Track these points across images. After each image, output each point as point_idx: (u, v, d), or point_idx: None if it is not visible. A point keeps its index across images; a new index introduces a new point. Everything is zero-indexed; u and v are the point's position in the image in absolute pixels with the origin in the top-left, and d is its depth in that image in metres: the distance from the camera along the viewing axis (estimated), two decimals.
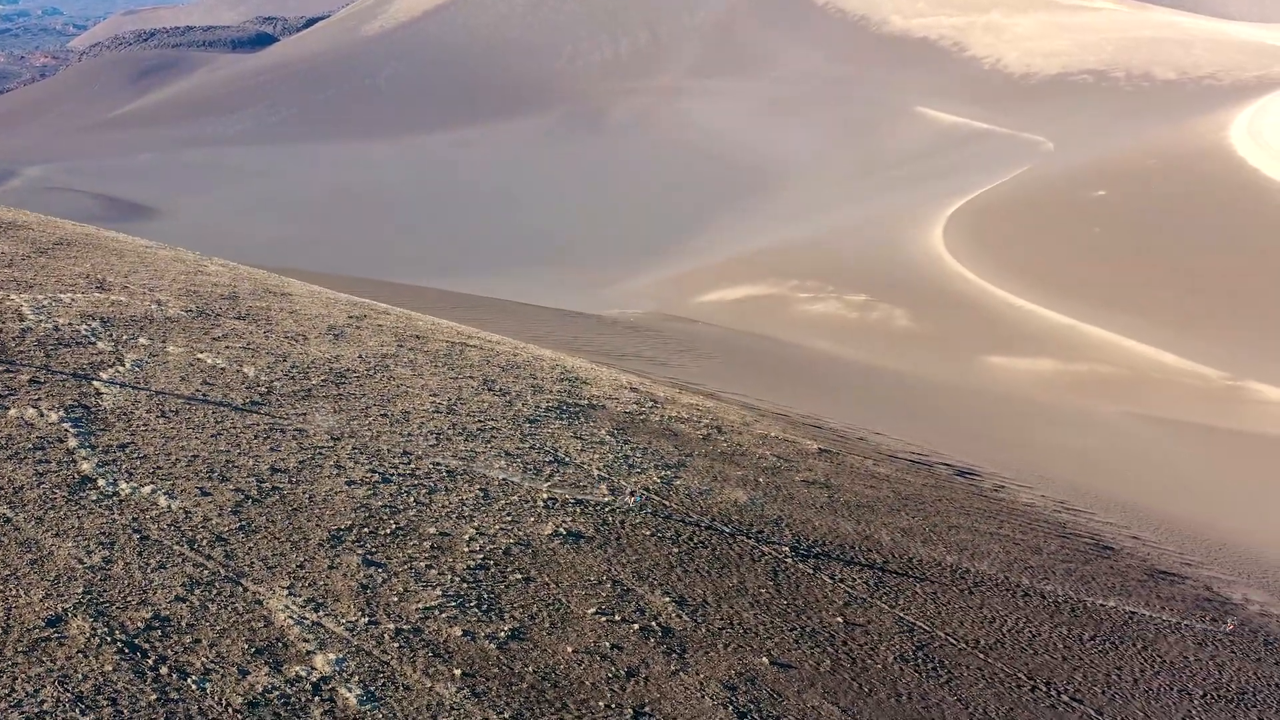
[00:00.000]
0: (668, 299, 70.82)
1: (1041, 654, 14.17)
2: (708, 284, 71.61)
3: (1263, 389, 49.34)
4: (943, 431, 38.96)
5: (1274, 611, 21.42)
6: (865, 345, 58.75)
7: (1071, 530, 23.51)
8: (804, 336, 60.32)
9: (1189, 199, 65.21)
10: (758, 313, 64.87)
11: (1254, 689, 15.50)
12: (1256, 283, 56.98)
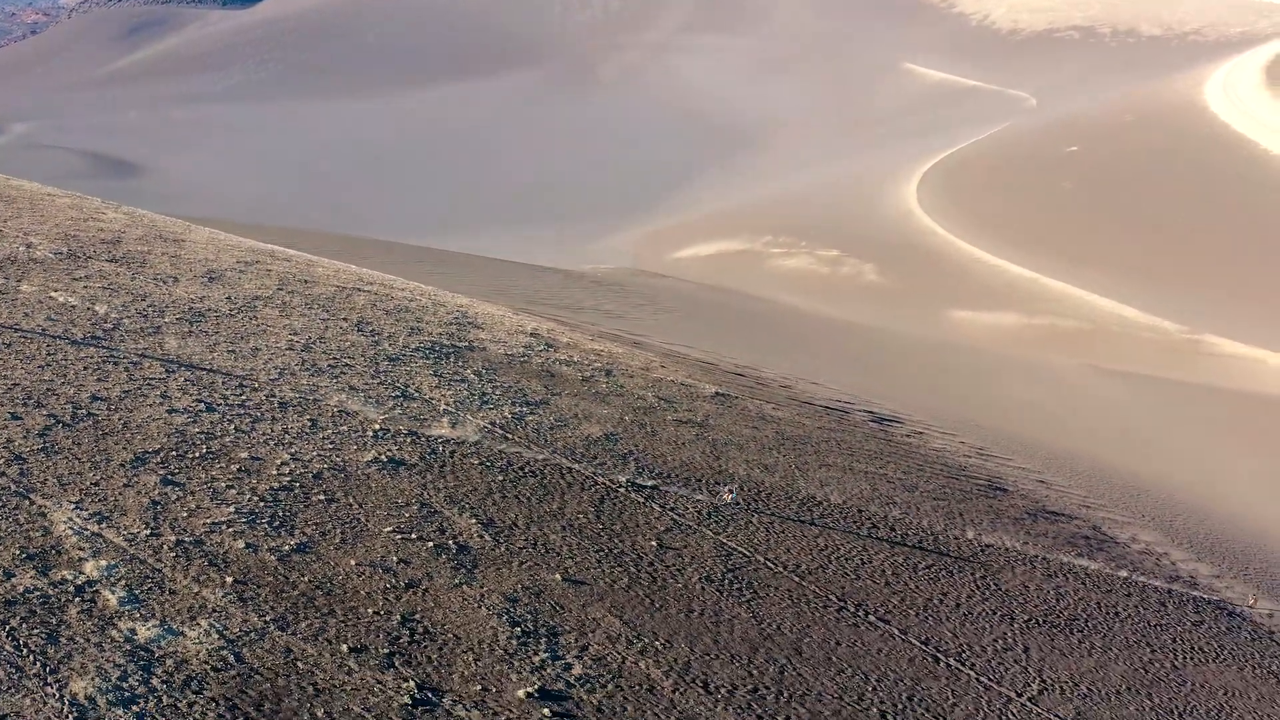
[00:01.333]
0: (645, 255, 71.05)
1: (864, 580, 14.65)
2: (684, 240, 71.81)
3: (1221, 343, 49.61)
4: (892, 382, 39.37)
5: (1156, 550, 21.93)
6: (834, 300, 59.07)
7: (970, 473, 24.00)
8: (774, 291, 60.60)
9: (1160, 154, 65.22)
10: (731, 268, 65.12)
11: (1086, 617, 15.98)
12: (1221, 237, 57.12)
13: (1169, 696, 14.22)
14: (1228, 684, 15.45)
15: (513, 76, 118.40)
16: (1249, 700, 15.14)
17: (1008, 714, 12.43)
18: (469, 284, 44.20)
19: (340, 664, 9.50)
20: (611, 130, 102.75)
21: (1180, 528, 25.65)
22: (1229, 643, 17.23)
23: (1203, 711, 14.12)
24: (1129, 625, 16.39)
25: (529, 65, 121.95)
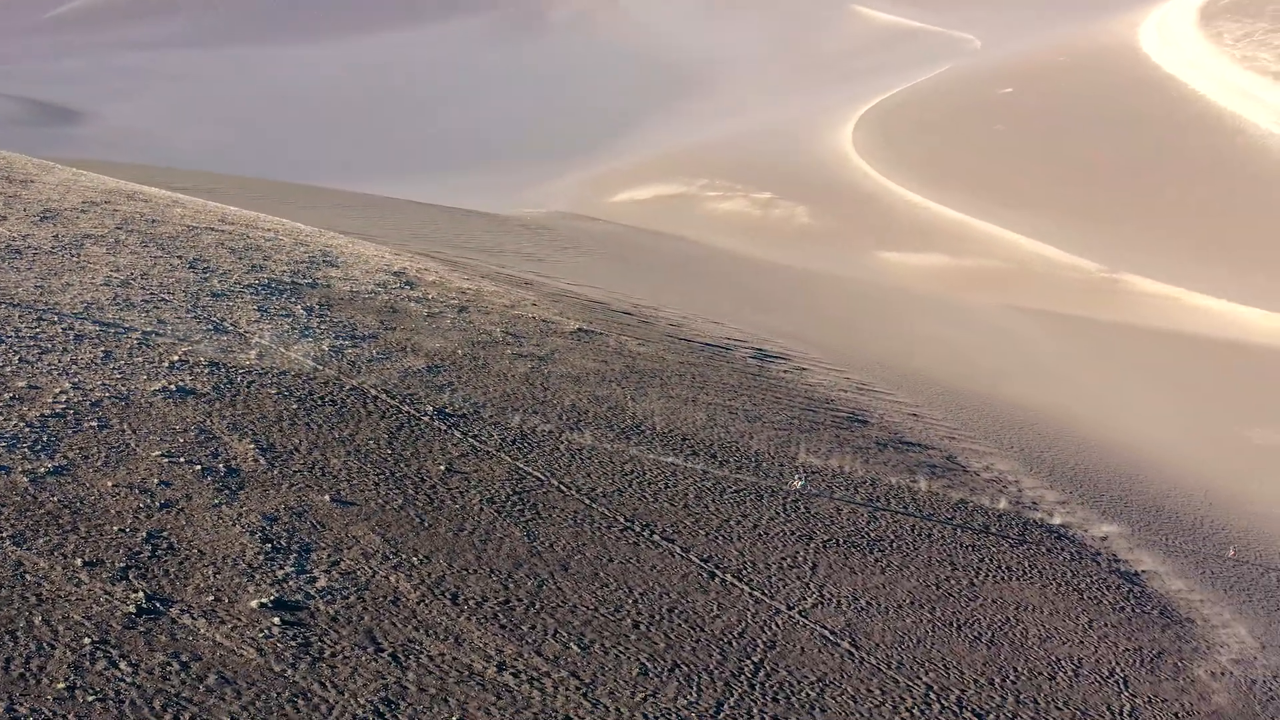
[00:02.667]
0: (584, 198, 71.05)
1: (660, 502, 15.07)
2: (623, 184, 71.81)
3: (1139, 281, 50.14)
4: (808, 321, 39.70)
5: (1007, 478, 22.45)
6: (766, 242, 59.28)
7: (835, 405, 24.43)
8: (708, 234, 60.76)
9: (1090, 95, 65.44)
10: (666, 211, 65.19)
11: (893, 538, 16.47)
12: (1145, 177, 57.54)
13: (953, 611, 14.75)
14: (1024, 599, 15.99)
15: (462, 21, 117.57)
16: (1040, 614, 15.68)
17: (773, 625, 12.91)
18: (386, 227, 44.28)
19: (70, 576, 9.87)
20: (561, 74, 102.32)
21: (1047, 458, 26.21)
22: (1043, 562, 17.77)
23: (985, 624, 14.65)
24: (938, 546, 16.88)
25: (479, 9, 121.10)
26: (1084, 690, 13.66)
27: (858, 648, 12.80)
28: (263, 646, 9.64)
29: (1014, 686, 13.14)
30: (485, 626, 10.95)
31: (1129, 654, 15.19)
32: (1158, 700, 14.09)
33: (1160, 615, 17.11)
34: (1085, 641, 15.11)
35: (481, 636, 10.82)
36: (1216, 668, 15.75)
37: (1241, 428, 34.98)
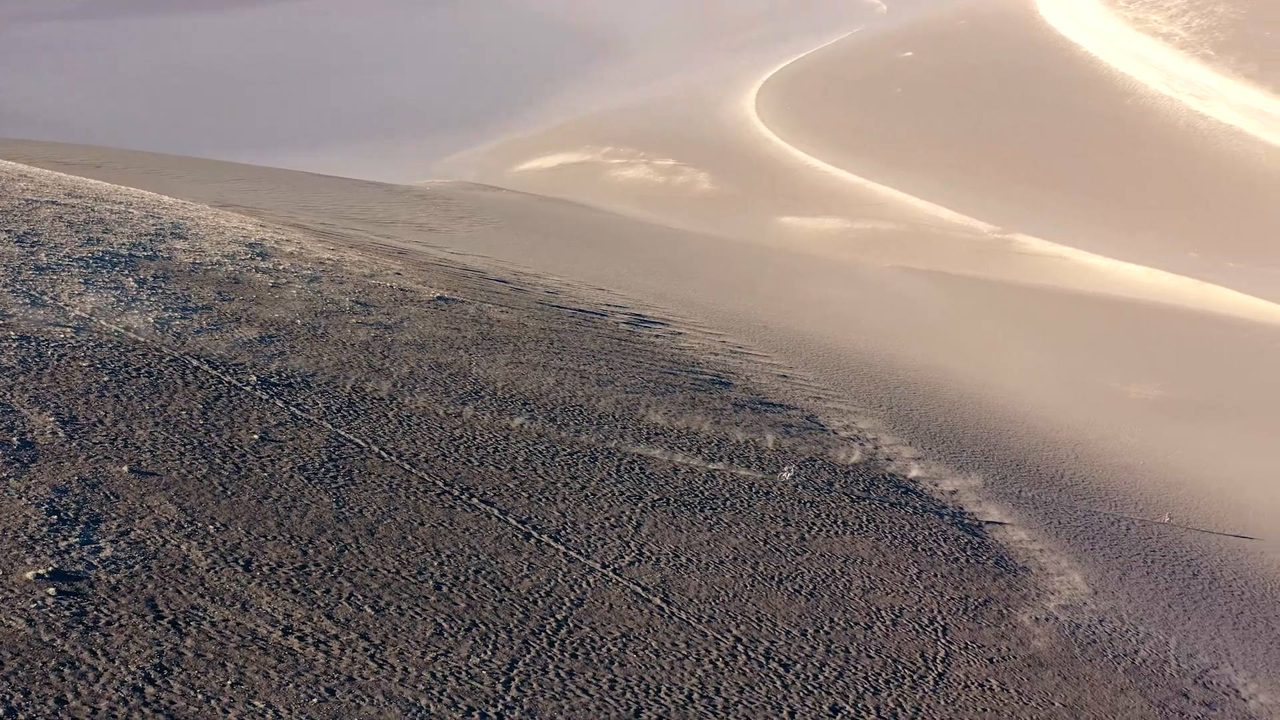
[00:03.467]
0: (489, 168, 70.72)
1: (486, 467, 15.11)
2: (529, 152, 71.54)
3: (1029, 241, 50.94)
4: (700, 286, 39.84)
5: (867, 435, 22.73)
6: (668, 209, 59.44)
7: (700, 368, 24.56)
8: (611, 201, 60.80)
9: (989, 59, 66.19)
10: (571, 179, 65.09)
11: (728, 496, 16.63)
12: (1040, 139, 58.39)
13: (777, 565, 14.96)
14: (855, 553, 16.26)
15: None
16: (869, 566, 15.96)
17: (583, 583, 13.03)
18: (279, 199, 43.77)
19: None
20: (474, 41, 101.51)
21: (914, 416, 26.63)
22: (883, 516, 18.07)
23: (808, 577, 14.89)
24: (774, 502, 17.10)
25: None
26: (899, 639, 13.95)
27: (669, 603, 12.96)
28: (33, 617, 9.57)
29: (827, 637, 13.38)
30: (276, 592, 10.95)
31: (953, 603, 15.51)
32: (974, 646, 14.42)
33: (995, 565, 17.48)
34: (910, 592, 15.41)
35: (270, 602, 10.82)
36: (1042, 614, 16.14)
37: (1120, 383, 35.74)
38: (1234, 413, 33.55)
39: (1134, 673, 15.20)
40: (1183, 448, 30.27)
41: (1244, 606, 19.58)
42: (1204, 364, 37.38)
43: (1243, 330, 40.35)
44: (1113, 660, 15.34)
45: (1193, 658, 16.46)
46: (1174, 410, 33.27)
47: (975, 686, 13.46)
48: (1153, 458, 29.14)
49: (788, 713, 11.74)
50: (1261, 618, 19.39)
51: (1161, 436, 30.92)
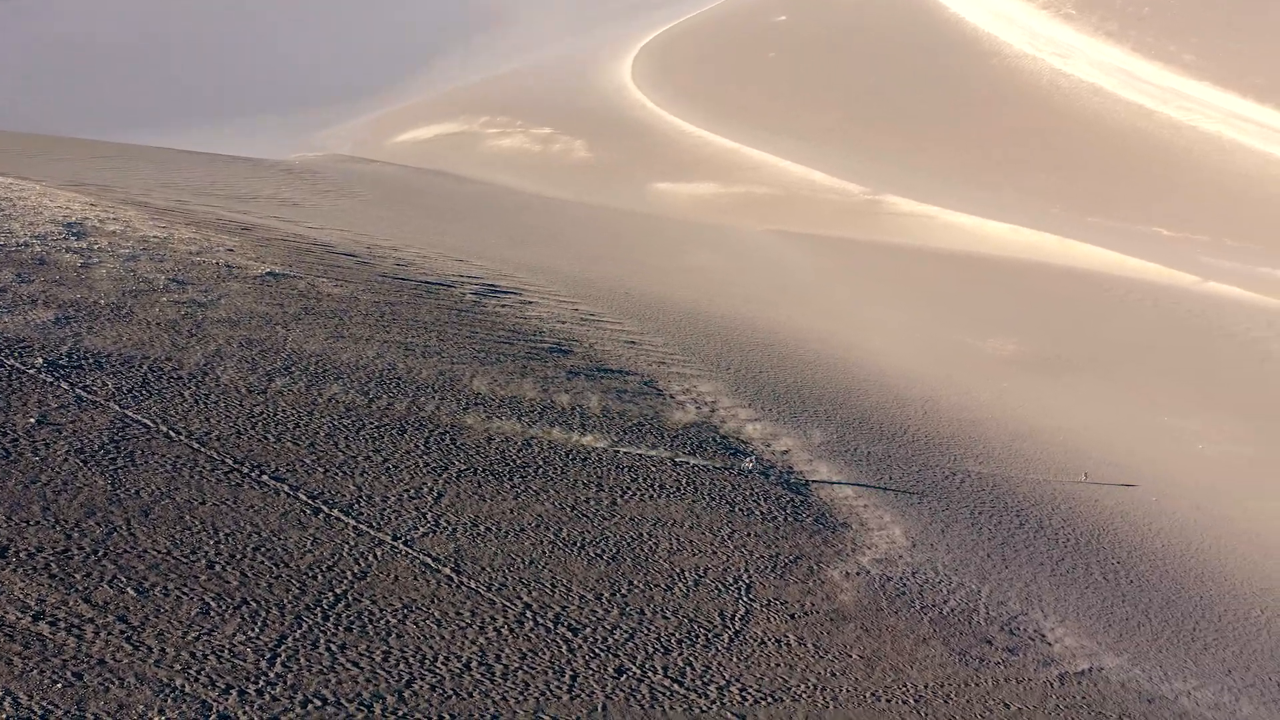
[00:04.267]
0: (366, 140, 69.80)
1: (284, 443, 14.87)
2: (406, 123, 70.70)
3: (898, 202, 51.51)
4: (563, 255, 39.64)
5: (706, 399, 22.77)
6: (545, 177, 59.13)
7: (541, 337, 24.43)
8: (487, 171, 60.36)
9: (859, 21, 66.69)
10: (447, 150, 64.47)
11: (541, 464, 16.55)
12: (909, 101, 59.03)
13: (582, 531, 14.95)
14: (667, 515, 16.31)
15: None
16: (680, 529, 16.02)
17: (369, 557, 12.89)
18: (135, 177, 42.63)
19: None
20: (358, 13, 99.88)
21: (762, 378, 26.79)
22: (703, 478, 18.14)
23: (613, 542, 14.90)
24: (591, 467, 17.09)
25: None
26: (699, 599, 14.03)
27: (459, 573, 12.89)
28: None
29: (623, 600, 13.41)
30: (32, 578, 10.68)
31: (762, 561, 15.64)
32: (777, 603, 14.55)
33: (814, 523, 17.65)
34: (719, 552, 15.49)
35: (24, 588, 10.55)
36: (854, 568, 16.34)
37: (977, 339, 36.33)
38: (1086, 364, 34.32)
39: (940, 622, 15.46)
40: (1033, 400, 30.87)
41: (1066, 553, 20.04)
42: (1061, 318, 38.18)
43: (1100, 284, 41.28)
44: (920, 611, 15.59)
45: (1003, 605, 16.80)
46: (1028, 364, 33.92)
47: (772, 642, 13.60)
48: (1002, 411, 29.67)
49: (570, 676, 11.75)
50: (1081, 563, 19.86)
51: (1013, 390, 31.49)
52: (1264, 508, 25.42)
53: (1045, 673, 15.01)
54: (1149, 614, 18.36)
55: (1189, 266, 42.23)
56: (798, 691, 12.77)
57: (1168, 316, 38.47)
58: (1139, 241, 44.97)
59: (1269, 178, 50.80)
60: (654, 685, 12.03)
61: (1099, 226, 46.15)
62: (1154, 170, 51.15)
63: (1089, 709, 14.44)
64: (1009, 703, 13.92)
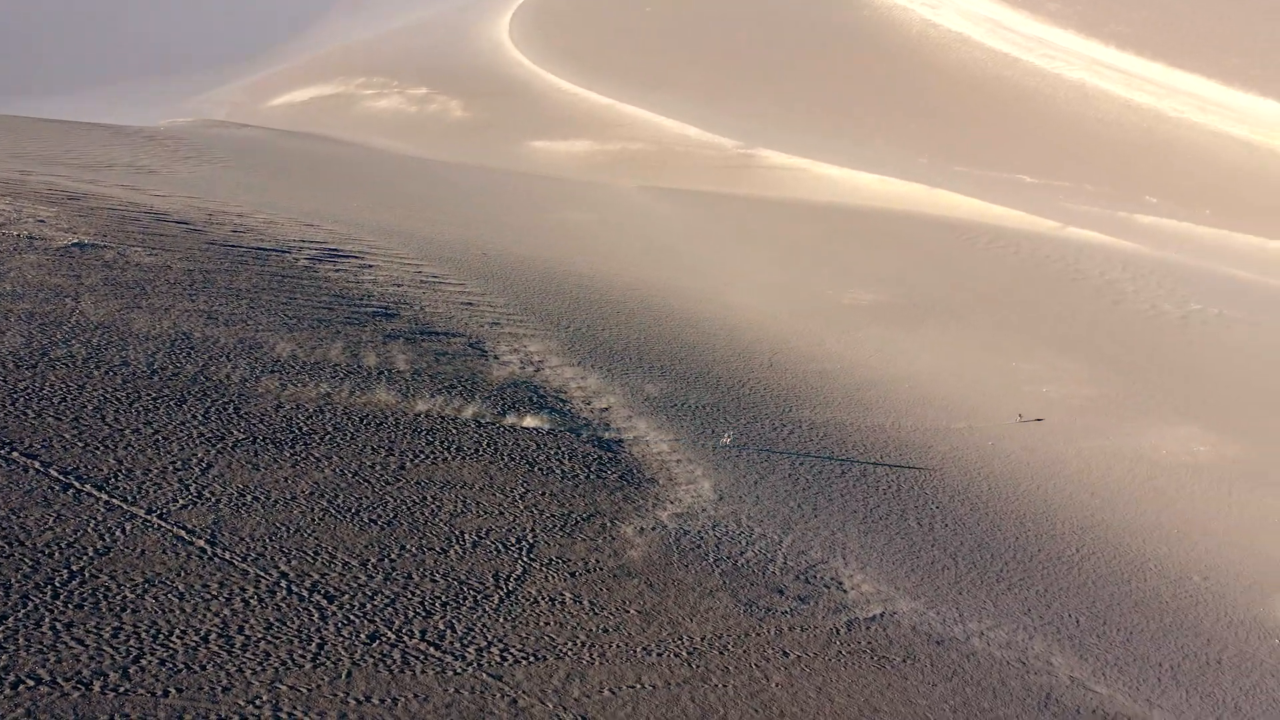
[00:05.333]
0: (241, 104, 68.31)
1: (44, 419, 14.39)
2: (285, 86, 69.31)
3: (771, 155, 51.52)
4: (424, 217, 39.03)
5: (534, 359, 22.51)
6: (420, 138, 58.35)
7: (368, 301, 24.01)
8: (362, 134, 59.41)
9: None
10: (323, 112, 63.33)
11: (333, 430, 16.24)
12: (784, 54, 59.00)
13: (359, 497, 14.70)
14: (458, 477, 16.12)
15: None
16: (470, 491, 15.85)
17: (116, 532, 12.54)
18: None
19: None
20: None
21: (601, 336, 26.63)
22: (509, 439, 17.97)
23: (391, 507, 14.68)
24: (384, 432, 16.83)
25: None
26: (474, 561, 13.89)
27: (214, 544, 12.61)
28: None
29: (389, 565, 13.23)
30: None
31: (552, 520, 15.52)
32: (559, 562, 14.46)
33: (619, 480, 17.57)
34: (507, 513, 15.35)
35: None
36: (650, 524, 16.29)
37: (837, 290, 36.52)
38: (944, 313, 34.65)
39: (731, 574, 15.48)
40: (885, 350, 31.09)
41: (884, 499, 20.20)
42: (924, 267, 38.49)
43: (965, 232, 41.67)
44: (712, 564, 15.59)
45: (803, 554, 16.87)
46: (885, 314, 34.16)
47: (545, 601, 13.51)
48: (852, 361, 29.86)
49: (317, 645, 11.57)
50: (898, 509, 20.03)
51: (867, 340, 31.69)
52: (1097, 447, 25.88)
53: (833, 620, 15.11)
54: (957, 557, 18.57)
55: (1051, 213, 42.80)
56: (563, 650, 12.71)
57: (1028, 262, 38.97)
58: (1004, 189, 45.49)
59: (1128, 123, 51.63)
60: (408, 649, 11.89)
61: (965, 175, 46.59)
62: (1019, 118, 51.74)
63: (873, 654, 14.57)
64: (788, 651, 13.99)
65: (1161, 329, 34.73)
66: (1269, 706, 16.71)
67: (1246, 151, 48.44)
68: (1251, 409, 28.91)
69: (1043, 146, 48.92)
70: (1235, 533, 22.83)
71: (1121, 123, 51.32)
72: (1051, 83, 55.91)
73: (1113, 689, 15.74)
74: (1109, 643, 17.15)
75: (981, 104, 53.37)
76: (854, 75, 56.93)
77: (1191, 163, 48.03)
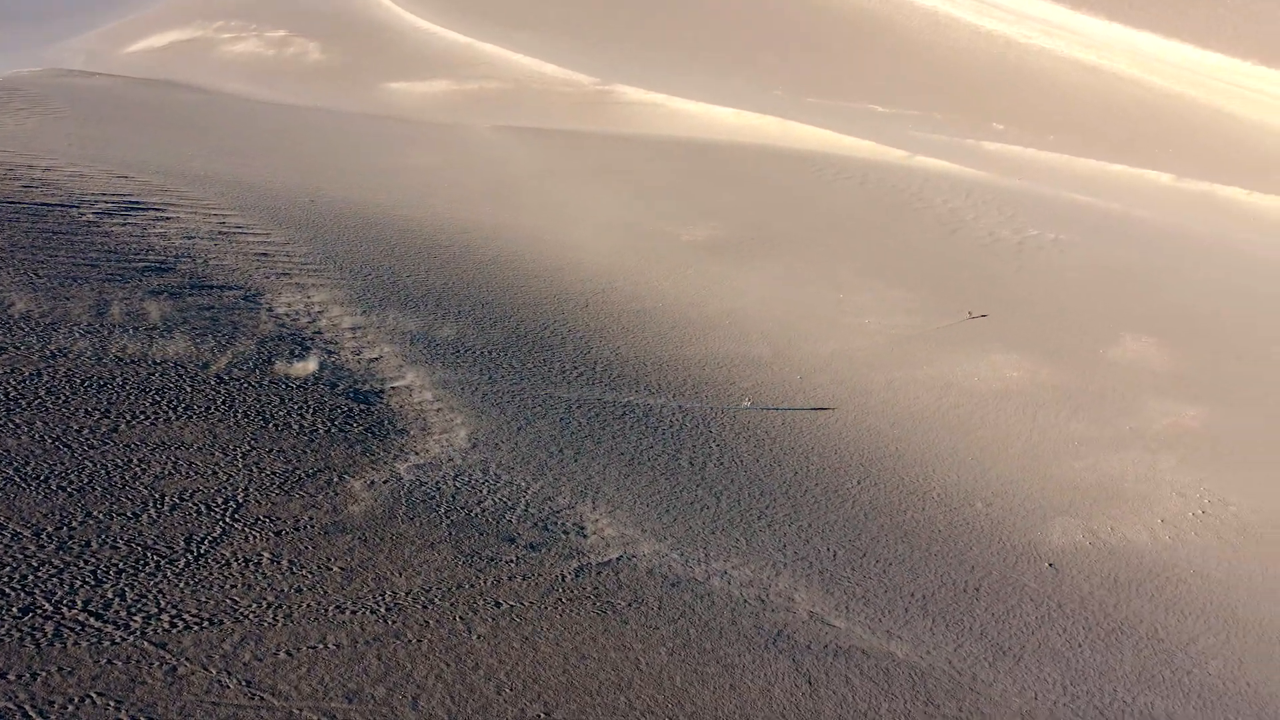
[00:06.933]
0: (99, 52, 66.14)
1: None
2: (141, 32, 67.18)
3: (628, 91, 50.88)
4: (256, 167, 37.95)
5: (313, 312, 21.96)
6: (278, 82, 56.91)
7: (144, 255, 23.16)
8: (218, 79, 57.81)
9: None
10: (179, 58, 61.50)
11: (43, 392, 15.66)
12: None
13: (51, 463, 14.17)
14: (176, 438, 15.62)
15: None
16: (186, 451, 15.36)
17: None
18: None
19: None
20: None
21: (396, 284, 26.05)
22: (246, 395, 17.48)
23: (91, 470, 14.16)
24: (110, 392, 16.26)
25: None
26: (167, 524, 13.45)
27: None
28: None
29: (67, 534, 12.79)
30: None
31: (271, 478, 15.09)
32: (265, 521, 14.06)
33: (363, 432, 17.16)
34: (221, 473, 14.90)
35: None
36: (384, 477, 15.91)
37: (676, 226, 36.13)
38: (781, 246, 34.44)
39: (461, 525, 15.18)
40: (713, 286, 30.80)
41: (658, 439, 20.00)
42: (769, 201, 38.24)
43: (813, 164, 41.46)
44: (443, 515, 15.28)
45: (549, 501, 16.61)
46: (722, 250, 33.85)
47: (238, 563, 13.12)
48: (676, 298, 29.54)
49: None
50: (672, 448, 19.84)
51: (699, 276, 31.36)
52: (909, 377, 25.86)
53: (562, 567, 14.89)
54: (722, 496, 18.43)
55: (900, 142, 42.71)
56: (244, 613, 12.34)
57: (873, 193, 38.88)
58: (855, 120, 45.34)
59: (979, 50, 51.63)
60: (63, 621, 11.46)
61: (818, 106, 46.35)
62: (872, 48, 51.55)
63: (596, 600, 14.38)
64: (501, 601, 13.75)
65: (997, 256, 34.85)
66: (1019, 630, 16.82)
67: (1092, 76, 48.68)
68: (1074, 333, 29.08)
69: (895, 76, 48.80)
70: (1029, 458, 22.92)
71: (973, 50, 51.29)
72: (905, 11, 55.76)
73: (852, 623, 15.71)
74: (863, 575, 17.12)
75: (835, 35, 53.11)
76: (711, 9, 56.35)
77: (1039, 89, 48.17)
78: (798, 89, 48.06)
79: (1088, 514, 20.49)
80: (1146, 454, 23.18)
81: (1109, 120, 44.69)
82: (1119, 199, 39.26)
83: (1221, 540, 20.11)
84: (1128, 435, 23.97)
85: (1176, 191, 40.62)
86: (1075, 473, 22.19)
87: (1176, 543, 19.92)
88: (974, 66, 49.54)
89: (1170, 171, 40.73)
